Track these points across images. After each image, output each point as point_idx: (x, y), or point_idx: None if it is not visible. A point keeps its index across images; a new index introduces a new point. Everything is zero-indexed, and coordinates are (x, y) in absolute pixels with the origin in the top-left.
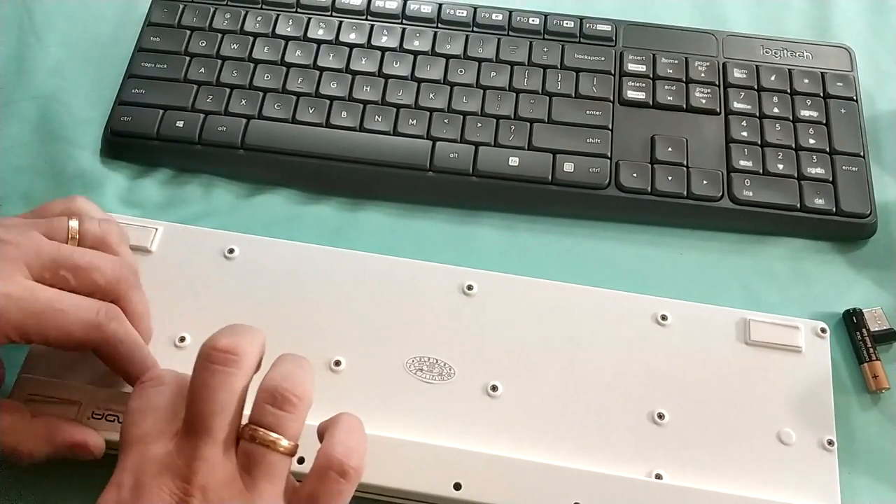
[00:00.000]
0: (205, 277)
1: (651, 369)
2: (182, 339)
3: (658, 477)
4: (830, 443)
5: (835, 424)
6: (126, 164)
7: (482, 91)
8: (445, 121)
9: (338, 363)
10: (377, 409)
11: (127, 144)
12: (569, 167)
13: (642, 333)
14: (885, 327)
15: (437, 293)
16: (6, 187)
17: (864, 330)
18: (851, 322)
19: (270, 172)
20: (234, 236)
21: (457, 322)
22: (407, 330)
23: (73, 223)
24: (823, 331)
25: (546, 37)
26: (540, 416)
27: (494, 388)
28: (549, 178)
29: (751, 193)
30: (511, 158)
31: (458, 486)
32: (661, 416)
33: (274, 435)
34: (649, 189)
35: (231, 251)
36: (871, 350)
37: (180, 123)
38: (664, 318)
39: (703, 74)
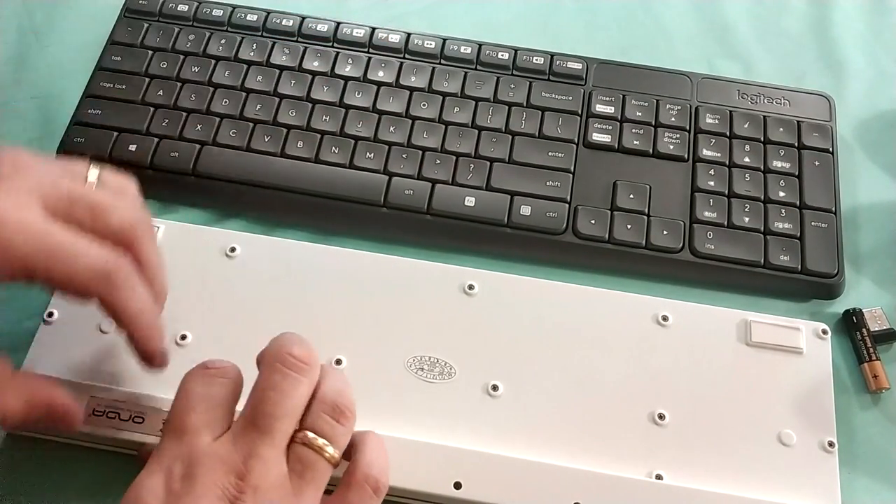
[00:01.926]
0: (206, 276)
1: (652, 370)
2: (183, 338)
3: (658, 477)
4: (831, 444)
5: (835, 426)
6: None
7: (444, 127)
8: (404, 156)
9: (339, 362)
10: (378, 408)
11: None
12: (525, 210)
13: (643, 334)
14: (885, 327)
15: (438, 292)
16: None
17: (864, 330)
18: (851, 322)
19: (221, 201)
20: (236, 235)
21: (458, 321)
22: (408, 329)
23: (94, 169)
24: (825, 332)
25: (514, 73)
26: (540, 416)
27: (495, 387)
28: (505, 220)
29: (712, 247)
30: (467, 198)
31: (458, 486)
32: (661, 417)
33: (324, 442)
34: (607, 237)
35: (232, 250)
36: (871, 350)
37: (133, 147)
38: (665, 318)
39: (673, 118)
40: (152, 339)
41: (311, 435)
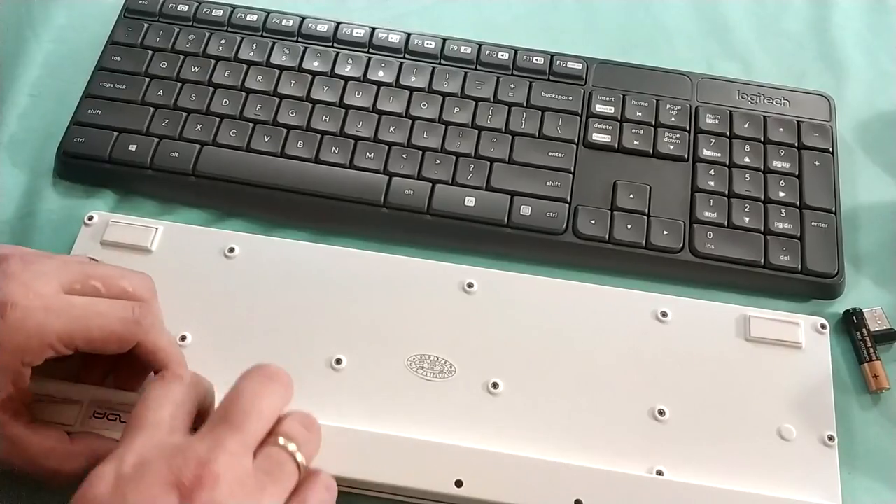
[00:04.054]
0: (205, 277)
1: (652, 366)
2: (183, 338)
3: (659, 473)
4: (831, 438)
5: (835, 420)
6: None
7: (444, 126)
8: (404, 156)
9: (339, 361)
10: (378, 406)
11: (79, 166)
12: (526, 210)
13: (643, 330)
14: (885, 327)
15: (438, 291)
16: (5, 184)
17: (864, 330)
18: (852, 322)
19: (220, 201)
20: (235, 235)
21: (457, 320)
22: (408, 328)
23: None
24: (823, 326)
25: (514, 73)
26: (541, 413)
27: (495, 385)
28: (505, 220)
29: (713, 247)
30: (467, 198)
31: (459, 484)
32: (661, 413)
33: (293, 447)
34: (607, 237)
35: (231, 250)
36: (872, 350)
37: (133, 147)
38: (664, 314)
39: (673, 118)
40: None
41: (282, 440)
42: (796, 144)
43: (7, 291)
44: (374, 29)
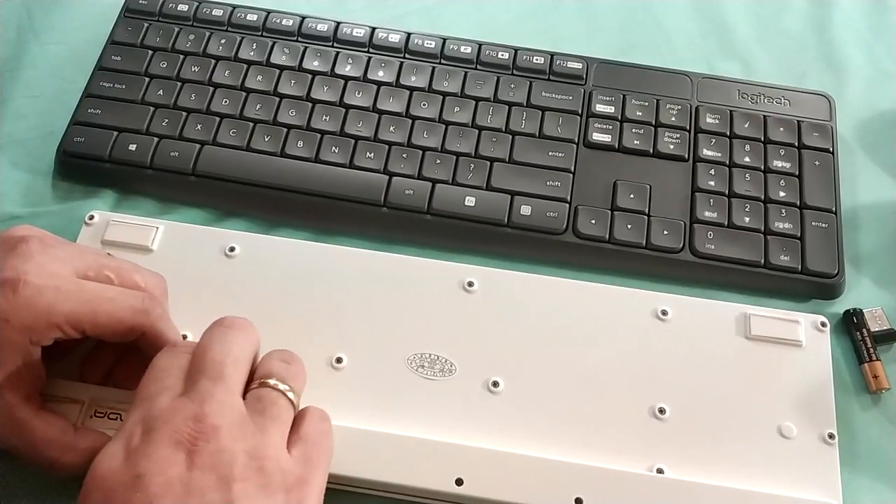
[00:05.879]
0: (206, 276)
1: (652, 364)
2: (184, 338)
3: (659, 471)
4: (831, 436)
5: (835, 418)
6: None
7: (444, 126)
8: (404, 155)
9: (339, 360)
10: (379, 405)
11: (78, 166)
12: (526, 210)
13: (643, 328)
14: (885, 327)
15: (438, 290)
16: (5, 184)
17: (864, 330)
18: (852, 322)
19: (221, 200)
20: (235, 234)
21: (458, 318)
22: (408, 327)
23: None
24: (823, 325)
25: (514, 72)
26: (541, 412)
27: (496, 383)
28: (506, 220)
29: (713, 247)
30: (468, 198)
31: (459, 482)
32: (662, 411)
33: (283, 386)
34: (607, 237)
35: (232, 249)
36: (872, 350)
37: (133, 147)
38: (664, 313)
39: (673, 118)
40: None
41: (267, 380)
42: (796, 144)
43: (22, 269)
44: (374, 29)
